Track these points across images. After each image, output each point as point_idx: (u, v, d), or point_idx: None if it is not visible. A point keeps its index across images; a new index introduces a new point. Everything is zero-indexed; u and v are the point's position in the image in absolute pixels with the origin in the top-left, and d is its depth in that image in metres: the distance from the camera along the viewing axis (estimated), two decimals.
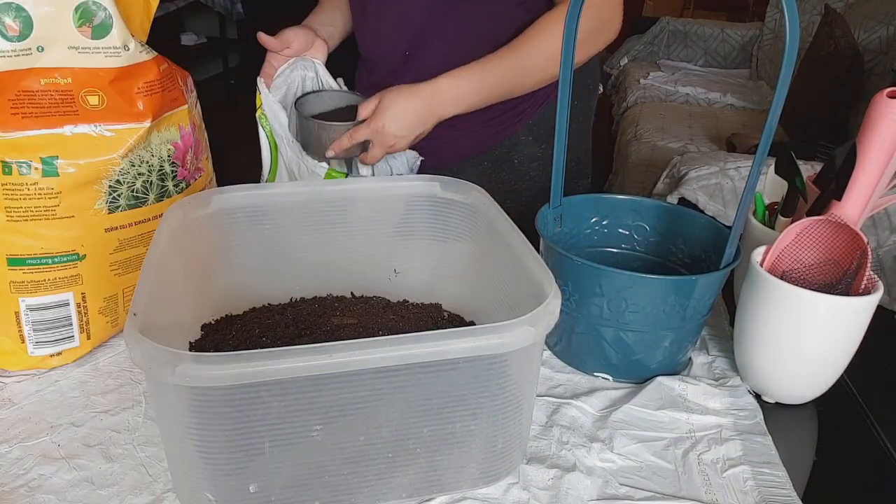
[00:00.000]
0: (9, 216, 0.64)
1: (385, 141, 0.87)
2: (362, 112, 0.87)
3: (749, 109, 2.96)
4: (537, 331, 0.50)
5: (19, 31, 0.62)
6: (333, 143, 0.88)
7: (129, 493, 0.56)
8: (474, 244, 0.71)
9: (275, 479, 0.52)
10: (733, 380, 0.72)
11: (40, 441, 0.61)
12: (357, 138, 0.87)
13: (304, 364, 0.46)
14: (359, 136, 0.87)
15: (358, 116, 0.88)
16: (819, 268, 0.69)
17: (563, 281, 0.69)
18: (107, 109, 0.66)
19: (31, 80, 0.64)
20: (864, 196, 0.69)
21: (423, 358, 0.48)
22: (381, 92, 0.87)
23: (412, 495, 0.56)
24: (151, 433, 0.63)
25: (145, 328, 0.47)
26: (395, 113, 0.85)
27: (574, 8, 0.66)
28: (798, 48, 0.56)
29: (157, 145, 0.71)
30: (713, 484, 0.59)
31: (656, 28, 3.68)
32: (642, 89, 3.15)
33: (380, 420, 0.52)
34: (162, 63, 0.71)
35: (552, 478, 0.59)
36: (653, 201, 0.81)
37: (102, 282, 0.71)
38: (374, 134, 0.86)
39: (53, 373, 0.70)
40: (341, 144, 0.87)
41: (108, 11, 0.65)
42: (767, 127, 0.60)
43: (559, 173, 0.74)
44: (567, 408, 0.67)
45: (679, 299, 0.66)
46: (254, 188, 0.70)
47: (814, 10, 2.89)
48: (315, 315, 0.71)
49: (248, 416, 0.49)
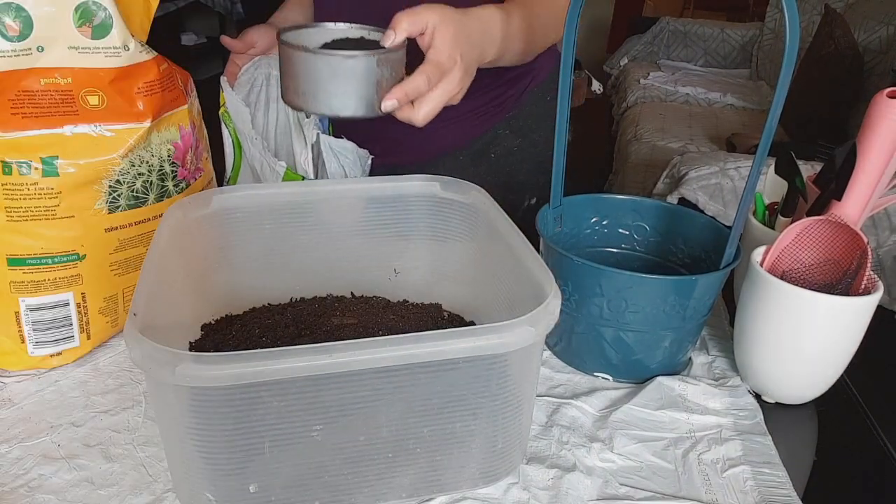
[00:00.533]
0: (9, 216, 0.64)
1: (458, 83, 0.65)
2: (388, 39, 0.63)
3: (749, 109, 2.96)
4: (537, 331, 0.50)
5: (19, 31, 0.62)
6: (390, 88, 0.63)
7: (129, 493, 0.56)
8: (474, 244, 0.71)
9: (275, 479, 0.52)
10: (733, 380, 0.72)
11: (40, 441, 0.61)
12: (435, 80, 0.63)
13: (304, 364, 0.46)
14: (442, 76, 0.63)
15: (388, 44, 0.63)
16: (819, 268, 0.69)
17: (563, 281, 0.69)
18: (107, 109, 0.66)
19: (31, 80, 0.63)
20: (864, 196, 0.69)
21: (423, 358, 0.48)
22: (412, 10, 0.64)
23: (412, 495, 0.56)
24: (151, 433, 0.63)
25: (145, 328, 0.47)
26: (467, 37, 0.64)
27: (574, 8, 0.66)
28: (798, 48, 0.56)
29: (157, 145, 0.71)
30: (713, 484, 0.59)
31: (656, 28, 3.69)
32: (642, 89, 3.15)
33: (380, 420, 0.52)
34: (162, 63, 0.71)
35: (552, 478, 0.59)
36: (653, 201, 0.81)
37: (102, 282, 0.71)
38: (448, 71, 0.64)
39: (53, 373, 0.70)
40: (417, 87, 0.62)
41: (108, 11, 0.65)
42: (767, 127, 0.60)
43: (559, 173, 0.74)
44: (567, 408, 0.67)
45: (679, 299, 0.66)
46: (254, 188, 0.70)
47: (814, 10, 2.90)
48: (315, 315, 0.71)
49: (248, 416, 0.49)
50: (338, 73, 0.62)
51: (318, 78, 0.62)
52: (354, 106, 0.63)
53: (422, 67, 0.64)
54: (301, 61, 0.62)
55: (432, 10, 0.64)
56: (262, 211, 0.70)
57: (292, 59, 0.63)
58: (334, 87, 0.63)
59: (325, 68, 0.62)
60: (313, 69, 0.62)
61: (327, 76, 0.62)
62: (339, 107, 0.64)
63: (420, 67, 0.64)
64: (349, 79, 0.62)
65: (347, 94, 0.63)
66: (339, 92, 0.63)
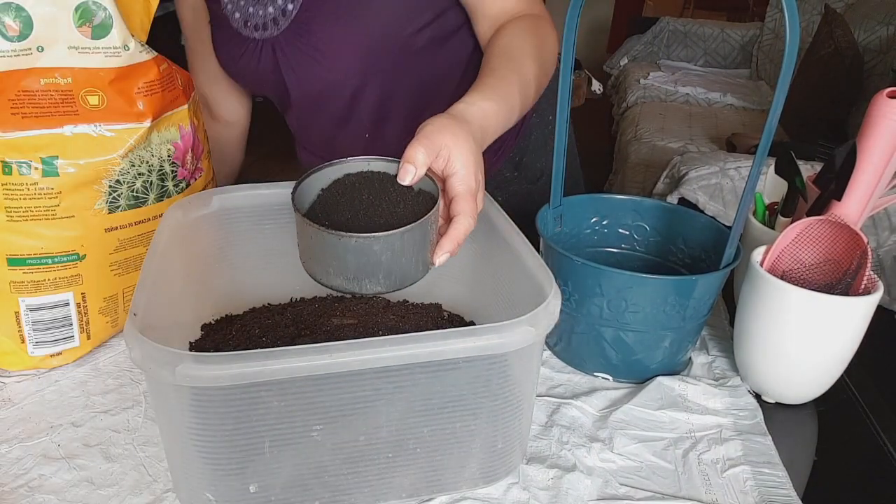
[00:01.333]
0: (9, 216, 0.64)
1: (483, 200, 0.62)
2: (409, 175, 0.57)
3: (749, 109, 2.96)
4: (537, 331, 0.50)
5: (19, 31, 0.62)
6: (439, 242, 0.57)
7: (129, 493, 0.56)
8: (474, 244, 0.71)
9: (275, 479, 0.52)
10: (733, 380, 0.72)
11: (40, 441, 0.61)
12: (475, 212, 0.59)
13: (304, 364, 0.46)
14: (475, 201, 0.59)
15: (407, 182, 0.57)
16: (819, 268, 0.69)
17: (563, 281, 0.69)
18: (107, 109, 0.66)
19: (31, 80, 0.63)
20: (864, 196, 0.69)
21: (423, 358, 0.48)
22: (422, 135, 0.58)
23: (412, 495, 0.56)
24: (151, 433, 0.63)
25: (145, 328, 0.47)
26: (472, 159, 0.60)
27: (574, 8, 0.66)
28: (798, 48, 0.56)
29: (157, 145, 0.71)
30: (713, 484, 0.59)
31: (656, 28, 3.69)
32: (642, 89, 3.15)
33: (380, 420, 0.52)
34: (162, 63, 0.71)
35: (552, 478, 0.59)
36: (653, 201, 0.81)
37: (102, 282, 0.71)
38: (476, 193, 0.60)
39: (53, 373, 0.70)
40: (467, 231, 0.58)
41: (108, 11, 0.65)
42: (767, 127, 0.60)
43: (559, 173, 0.74)
44: (567, 408, 0.67)
45: (679, 299, 0.66)
46: (254, 188, 0.70)
47: (814, 10, 2.90)
48: (315, 315, 0.71)
49: (248, 416, 0.49)
50: (397, 250, 0.54)
51: (377, 261, 0.54)
52: (412, 275, 0.57)
53: (461, 207, 0.58)
54: (351, 247, 0.53)
55: (443, 132, 0.59)
56: (262, 211, 0.70)
57: (339, 245, 0.53)
58: (393, 264, 0.55)
59: (383, 250, 0.54)
60: (369, 253, 0.54)
61: (388, 256, 0.54)
62: (398, 282, 0.56)
63: (458, 207, 0.58)
64: (409, 252, 0.55)
65: (407, 266, 0.56)
66: (398, 267, 0.55)
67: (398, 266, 0.55)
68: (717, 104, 3.03)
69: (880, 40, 2.34)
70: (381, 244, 0.53)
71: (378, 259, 0.54)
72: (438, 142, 0.58)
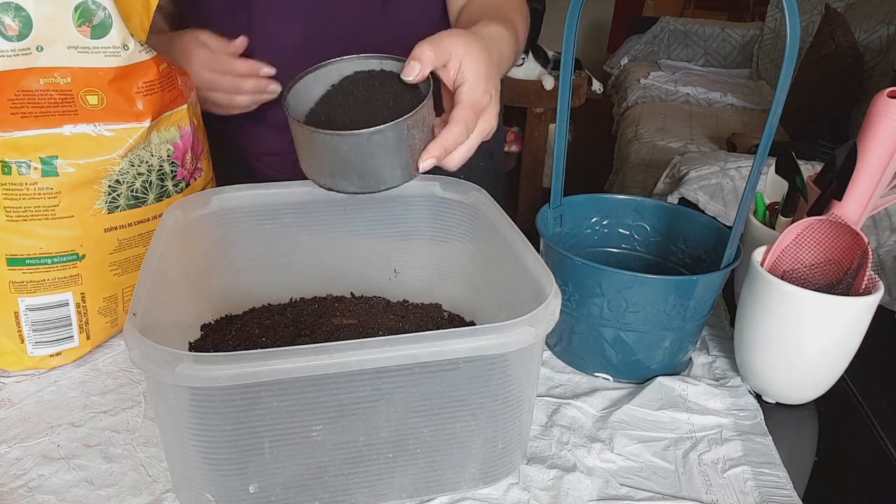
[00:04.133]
0: (8, 216, 0.64)
1: (494, 119, 0.59)
2: (413, 70, 0.56)
3: (749, 109, 2.96)
4: (537, 331, 0.50)
5: (19, 30, 0.62)
6: (425, 144, 0.57)
7: (128, 494, 0.56)
8: (474, 244, 0.71)
9: (275, 480, 0.52)
10: (734, 380, 0.72)
11: (40, 441, 0.61)
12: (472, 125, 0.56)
13: (304, 364, 0.46)
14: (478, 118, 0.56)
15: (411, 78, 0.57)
16: (819, 268, 0.69)
17: (563, 281, 0.69)
18: (106, 109, 0.66)
19: (31, 80, 0.63)
20: (865, 196, 0.69)
21: (423, 358, 0.48)
22: (433, 37, 0.56)
23: (412, 495, 0.56)
24: (151, 433, 0.63)
25: (145, 328, 0.47)
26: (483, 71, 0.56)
27: (574, 8, 0.66)
28: (798, 48, 0.56)
29: (156, 145, 0.71)
30: (713, 484, 0.59)
31: (656, 28, 3.69)
32: (642, 89, 3.15)
33: (380, 420, 0.52)
34: (161, 63, 0.71)
35: (552, 478, 0.59)
36: (653, 201, 0.81)
37: (102, 282, 0.71)
38: (484, 110, 0.57)
39: (53, 373, 0.70)
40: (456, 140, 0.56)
41: (108, 11, 0.65)
42: (768, 127, 0.60)
43: (559, 173, 0.74)
44: (567, 408, 0.67)
45: (679, 299, 0.66)
46: (254, 188, 0.70)
47: (814, 10, 2.90)
48: (315, 315, 0.71)
49: (248, 416, 0.49)
50: (366, 151, 0.55)
51: (346, 159, 0.56)
52: (389, 179, 0.58)
53: (458, 114, 0.56)
54: (323, 144, 0.55)
55: (455, 38, 0.57)
56: (262, 211, 0.70)
57: (312, 141, 0.56)
58: (364, 166, 0.56)
59: (352, 150, 0.55)
60: (338, 151, 0.55)
61: (357, 157, 0.55)
62: (373, 184, 0.58)
63: (455, 113, 0.56)
64: (380, 154, 0.55)
65: (380, 169, 0.56)
66: (371, 169, 0.56)
67: (371, 167, 0.56)
68: (717, 104, 3.04)
69: (881, 40, 2.34)
70: (349, 143, 0.54)
71: (347, 157, 0.55)
72: (449, 46, 0.56)
